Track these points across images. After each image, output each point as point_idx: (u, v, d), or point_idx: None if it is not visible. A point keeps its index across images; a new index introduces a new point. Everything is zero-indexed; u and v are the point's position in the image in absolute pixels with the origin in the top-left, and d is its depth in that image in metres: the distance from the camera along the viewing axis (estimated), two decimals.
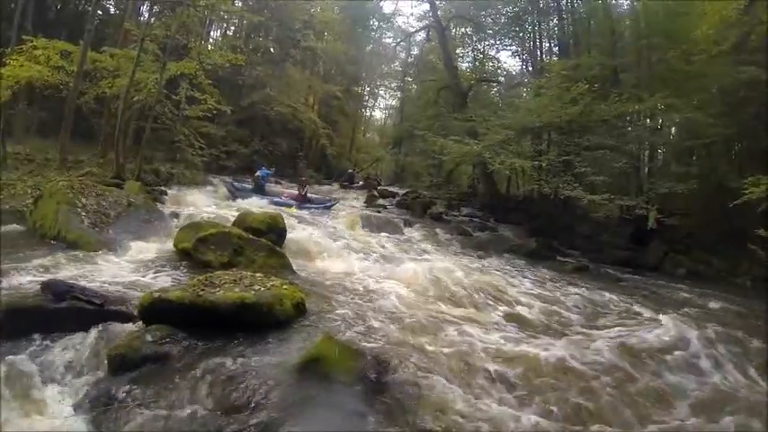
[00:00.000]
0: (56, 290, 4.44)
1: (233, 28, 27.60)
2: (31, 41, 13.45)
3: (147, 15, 17.92)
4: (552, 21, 24.15)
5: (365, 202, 19.52)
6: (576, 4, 22.08)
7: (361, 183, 25.83)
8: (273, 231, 8.27)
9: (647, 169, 17.48)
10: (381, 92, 41.88)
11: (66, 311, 4.26)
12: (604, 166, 14.46)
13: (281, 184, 19.99)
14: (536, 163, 16.01)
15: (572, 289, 8.74)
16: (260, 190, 16.21)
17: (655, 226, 14.06)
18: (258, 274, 5.35)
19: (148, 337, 4.00)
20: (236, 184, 16.89)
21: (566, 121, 15.51)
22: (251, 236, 7.37)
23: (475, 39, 28.26)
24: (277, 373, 3.69)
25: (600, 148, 14.52)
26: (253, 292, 4.63)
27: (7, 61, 12.75)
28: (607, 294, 8.56)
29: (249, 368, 3.74)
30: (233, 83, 24.83)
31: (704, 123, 13.30)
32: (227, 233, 7.21)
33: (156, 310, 4.29)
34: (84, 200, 8.48)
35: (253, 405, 3.35)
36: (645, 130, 16.60)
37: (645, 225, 14.18)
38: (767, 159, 10.73)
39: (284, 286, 5.07)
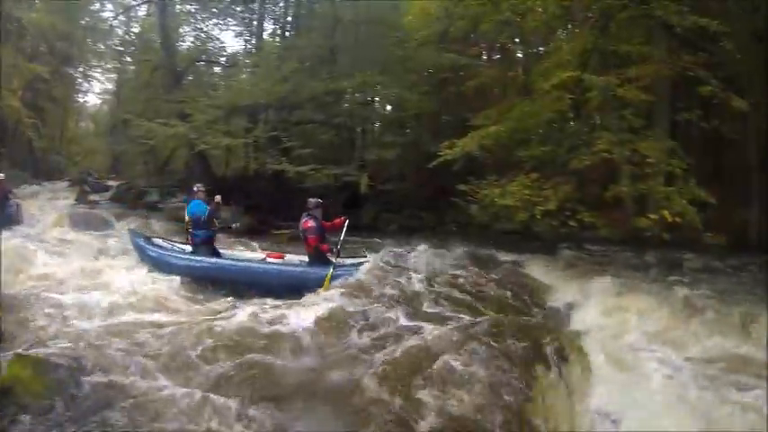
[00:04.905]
0: None
1: None
2: None
3: None
4: (279, 4, 24.18)
5: (76, 199, 17.73)
6: None
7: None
8: None
9: (361, 140, 19.30)
10: (97, 74, 33.93)
11: None
12: (313, 140, 15.26)
13: None
14: (245, 141, 16.10)
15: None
16: (209, 249, 8.35)
17: (367, 190, 15.44)
18: None
19: None
20: (145, 244, 8.68)
21: (278, 99, 15.82)
22: None
23: (199, 17, 26.57)
24: None
25: (309, 123, 15.26)
26: None
27: None
28: None
29: None
30: None
31: (412, 100, 15.92)
32: None
33: None
34: None
35: None
36: (355, 105, 18.31)
37: (358, 191, 15.59)
38: (463, 129, 12.45)
39: None
